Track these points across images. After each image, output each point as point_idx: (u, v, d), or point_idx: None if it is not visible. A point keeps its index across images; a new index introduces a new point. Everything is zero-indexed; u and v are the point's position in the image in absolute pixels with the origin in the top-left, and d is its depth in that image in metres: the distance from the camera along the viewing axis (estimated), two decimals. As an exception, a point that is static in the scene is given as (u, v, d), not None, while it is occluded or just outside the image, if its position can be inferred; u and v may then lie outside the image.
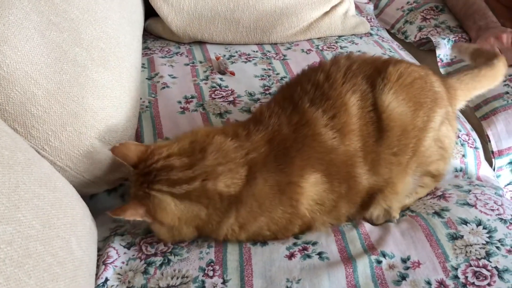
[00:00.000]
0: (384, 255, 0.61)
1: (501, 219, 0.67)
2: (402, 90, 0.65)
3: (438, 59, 1.11)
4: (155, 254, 0.63)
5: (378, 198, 0.66)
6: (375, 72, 0.66)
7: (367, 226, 0.67)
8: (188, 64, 1.04)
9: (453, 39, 1.14)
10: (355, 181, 0.63)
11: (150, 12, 1.13)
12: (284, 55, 1.09)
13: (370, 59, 0.70)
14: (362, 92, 0.64)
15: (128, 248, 0.64)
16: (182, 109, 0.89)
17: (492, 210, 0.69)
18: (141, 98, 0.91)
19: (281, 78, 1.00)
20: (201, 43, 1.13)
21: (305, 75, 0.71)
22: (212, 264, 0.61)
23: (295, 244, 0.63)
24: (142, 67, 1.01)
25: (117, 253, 0.63)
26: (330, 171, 0.62)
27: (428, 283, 0.57)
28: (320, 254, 0.61)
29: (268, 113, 0.66)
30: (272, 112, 0.66)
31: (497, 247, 0.61)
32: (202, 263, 0.61)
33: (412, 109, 0.65)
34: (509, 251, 0.61)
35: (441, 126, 0.68)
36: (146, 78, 0.99)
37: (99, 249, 0.65)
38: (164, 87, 0.96)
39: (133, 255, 0.63)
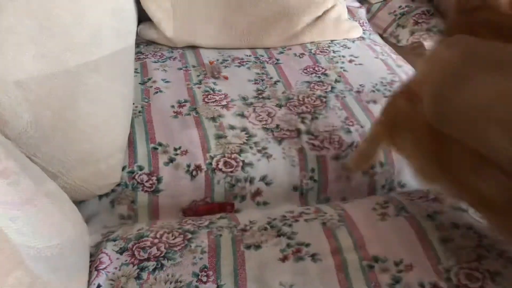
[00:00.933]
0: (376, 260, 0.61)
1: (492, 222, 0.67)
2: None
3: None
4: (148, 259, 0.63)
5: None
6: None
7: (361, 229, 0.67)
8: (181, 69, 1.04)
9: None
10: None
11: (143, 17, 1.13)
12: (277, 59, 1.09)
13: None
14: None
15: (121, 253, 0.64)
16: (175, 114, 0.89)
17: (484, 213, 0.69)
18: (133, 103, 0.90)
19: (275, 82, 1.00)
20: (194, 47, 1.13)
21: None
22: (205, 269, 0.60)
23: (288, 246, 0.63)
24: (135, 71, 1.00)
25: (109, 258, 0.63)
26: None
27: (422, 285, 0.58)
28: (313, 256, 0.62)
29: None
30: None
31: (488, 251, 0.61)
32: (196, 268, 0.61)
33: None
34: (499, 255, 0.61)
35: None
36: (139, 83, 0.99)
37: (91, 255, 0.65)
38: (157, 92, 0.95)
39: (126, 260, 0.63)
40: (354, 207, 0.73)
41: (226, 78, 1.00)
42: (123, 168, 0.79)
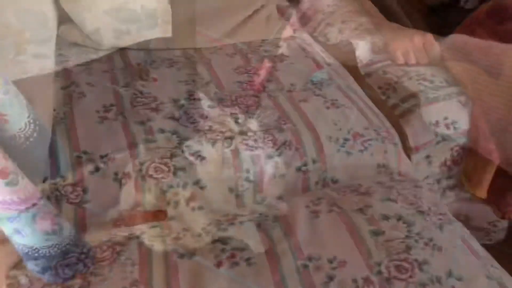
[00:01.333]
0: (310, 259, 0.61)
1: (419, 212, 0.70)
2: None
3: (358, 60, 1.15)
4: (73, 277, 0.59)
5: None
6: None
7: (295, 228, 0.67)
8: (107, 71, 0.99)
9: (371, 41, 1.19)
10: None
11: (64, 17, 1.06)
12: (209, 59, 1.07)
13: None
14: None
15: (43, 273, 0.59)
16: (100, 119, 0.84)
17: (412, 204, 0.72)
18: (54, 110, 0.85)
19: (206, 83, 0.98)
20: (121, 49, 1.08)
21: None
22: (136, 283, 0.58)
23: (223, 251, 0.62)
24: (55, 76, 0.94)
25: (29, 280, 0.58)
26: None
27: (355, 281, 0.59)
28: (248, 260, 0.61)
29: None
30: None
31: (416, 240, 0.64)
32: (126, 283, 0.58)
33: None
34: (426, 244, 0.64)
35: None
36: (61, 88, 0.92)
37: (9, 278, 0.59)
38: (80, 97, 0.90)
39: (49, 280, 0.58)
40: (288, 205, 0.73)
41: (155, 80, 0.97)
42: (44, 180, 0.73)
